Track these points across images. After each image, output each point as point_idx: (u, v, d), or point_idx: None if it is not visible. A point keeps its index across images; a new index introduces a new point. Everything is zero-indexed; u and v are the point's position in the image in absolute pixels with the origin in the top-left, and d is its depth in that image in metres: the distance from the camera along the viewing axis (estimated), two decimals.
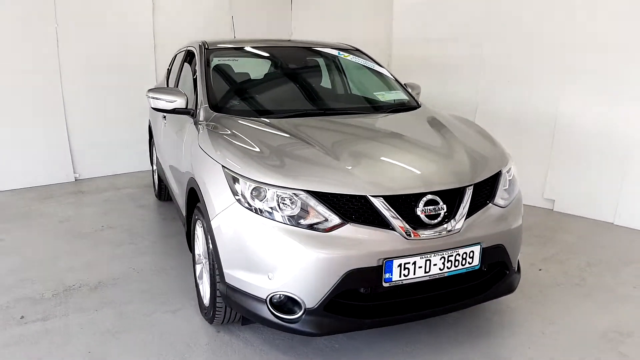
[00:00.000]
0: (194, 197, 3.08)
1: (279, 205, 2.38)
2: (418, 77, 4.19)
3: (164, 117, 4.13)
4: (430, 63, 6.02)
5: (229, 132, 2.87)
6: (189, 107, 3.35)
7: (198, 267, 3.16)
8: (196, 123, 3.23)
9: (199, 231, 3.03)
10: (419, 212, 2.40)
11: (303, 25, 8.03)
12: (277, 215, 2.37)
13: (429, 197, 2.43)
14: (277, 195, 2.38)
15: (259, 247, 2.38)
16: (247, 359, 2.65)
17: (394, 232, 2.36)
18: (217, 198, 2.57)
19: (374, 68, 3.94)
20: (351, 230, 2.33)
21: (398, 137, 3.02)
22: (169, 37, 6.70)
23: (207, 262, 2.82)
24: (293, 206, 2.37)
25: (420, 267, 2.40)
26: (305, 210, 2.35)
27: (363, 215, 2.37)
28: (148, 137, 5.66)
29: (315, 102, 3.61)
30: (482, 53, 5.59)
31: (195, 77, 3.62)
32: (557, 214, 5.00)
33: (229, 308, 2.71)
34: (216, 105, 3.26)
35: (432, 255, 2.41)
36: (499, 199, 2.70)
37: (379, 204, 2.36)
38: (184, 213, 3.41)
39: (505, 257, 2.69)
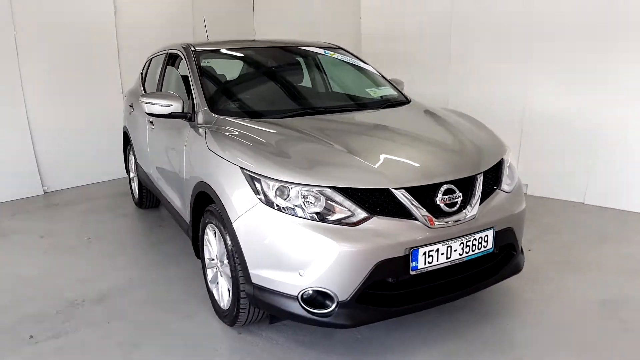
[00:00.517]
0: (202, 201, 3.08)
1: (303, 202, 2.42)
2: (388, 73, 4.31)
3: (150, 121, 4.07)
4: (399, 59, 6.18)
5: (240, 133, 2.88)
6: (185, 111, 3.33)
7: (209, 272, 3.16)
8: (195, 127, 3.22)
9: (210, 235, 3.02)
10: (438, 202, 2.51)
11: (266, 25, 8.03)
12: (303, 212, 2.42)
13: (447, 186, 2.54)
14: (302, 193, 2.43)
15: (288, 245, 2.42)
16: (277, 357, 2.68)
17: (417, 221, 2.45)
18: (238, 200, 2.58)
19: (360, 65, 4.04)
20: (378, 222, 2.41)
21: (405, 131, 3.12)
22: (133, 41, 6.56)
23: (225, 265, 2.84)
24: (318, 203, 2.42)
25: (442, 253, 2.51)
26: (330, 206, 2.41)
27: (387, 207, 2.45)
28: (123, 144, 5.53)
29: (314, 101, 3.67)
30: (450, 47, 5.79)
31: (188, 80, 3.58)
32: (531, 197, 5.26)
33: (253, 308, 2.73)
34: (217, 108, 3.26)
35: (453, 241, 2.52)
36: (504, 185, 2.85)
37: (401, 195, 2.45)
38: (187, 218, 3.38)
39: (513, 239, 2.85)
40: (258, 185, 2.51)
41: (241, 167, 2.60)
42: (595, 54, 4.80)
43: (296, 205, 2.43)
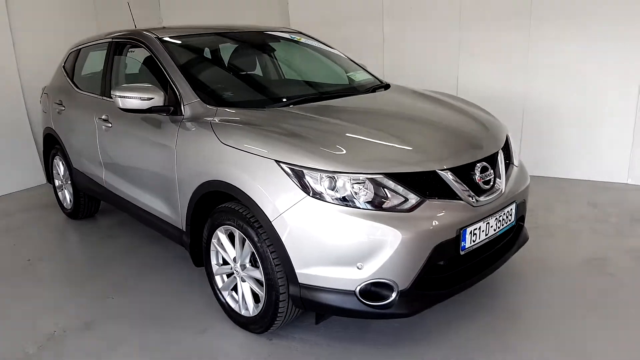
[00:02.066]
0: (208, 203, 2.80)
1: (354, 192, 2.31)
2: None
3: (105, 119, 3.58)
4: (334, 45, 6.13)
5: (259, 125, 2.65)
6: (166, 104, 2.99)
7: (219, 279, 2.90)
8: (184, 122, 2.91)
9: (222, 238, 2.77)
10: (477, 180, 2.54)
11: (174, 11, 7.50)
12: (357, 202, 2.30)
13: (482, 164, 2.58)
14: (352, 182, 2.31)
15: (344, 238, 2.28)
16: (324, 358, 2.54)
17: (462, 201, 2.46)
18: (277, 196, 2.38)
19: (330, 50, 3.95)
20: (430, 206, 2.37)
21: (418, 113, 3.10)
22: (27, 32, 5.73)
23: (249, 269, 2.65)
24: (369, 191, 2.32)
25: (483, 230, 2.55)
26: (383, 193, 2.32)
27: (435, 190, 2.42)
28: (43, 149, 4.84)
29: (305, 87, 3.49)
30: (383, 30, 5.88)
31: (156, 71, 3.21)
32: None
33: (291, 310, 2.56)
34: (212, 99, 2.96)
35: (490, 218, 2.57)
36: (514, 160, 2.97)
37: (447, 177, 2.44)
38: (181, 224, 3.05)
39: (524, 211, 2.99)
40: (302, 178, 2.34)
41: (277, 160, 2.39)
42: (518, 33, 5.17)
43: (346, 196, 2.30)
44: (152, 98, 2.92)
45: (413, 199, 2.35)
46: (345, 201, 2.30)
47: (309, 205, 2.32)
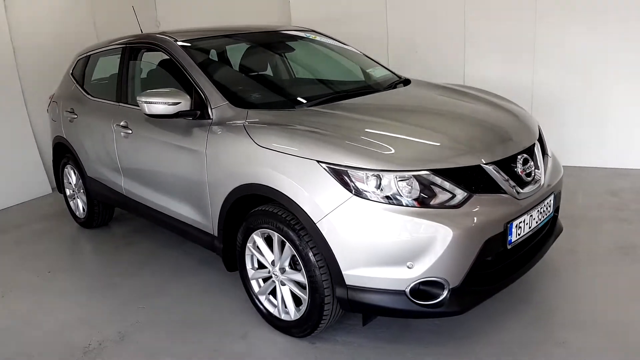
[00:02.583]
0: (242, 206, 2.75)
1: (400, 190, 2.26)
2: None
3: (124, 126, 3.50)
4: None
5: (295, 125, 2.60)
6: (192, 108, 2.92)
7: (255, 283, 2.84)
8: (212, 125, 2.85)
9: (259, 241, 2.71)
10: (519, 172, 2.51)
11: (170, 15, 7.38)
12: (402, 200, 2.26)
13: (523, 156, 2.55)
14: (397, 180, 2.26)
15: (394, 238, 2.24)
16: None
17: (506, 195, 2.43)
18: (321, 197, 2.33)
19: (346, 48, 3.91)
20: (477, 201, 2.33)
21: (452, 108, 3.06)
22: (28, 39, 5.61)
23: (289, 272, 2.61)
24: (415, 188, 2.27)
25: (527, 223, 2.52)
26: (430, 190, 2.28)
27: (480, 184, 2.38)
28: (53, 158, 4.73)
29: (328, 86, 3.44)
30: (387, 26, 5.84)
31: (178, 75, 3.14)
32: None
33: (336, 313, 2.51)
34: (241, 101, 2.90)
35: (532, 210, 2.54)
36: (548, 150, 2.95)
37: (492, 170, 2.40)
38: (212, 229, 2.98)
39: (559, 202, 2.97)
40: (346, 178, 2.29)
41: (319, 161, 2.34)
42: (523, 29, 5.16)
43: (392, 194, 2.26)
44: (179, 102, 2.86)
45: (460, 194, 2.31)
46: (391, 199, 2.26)
47: (355, 205, 2.27)
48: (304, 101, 3.02)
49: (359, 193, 2.27)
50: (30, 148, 5.60)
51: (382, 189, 2.27)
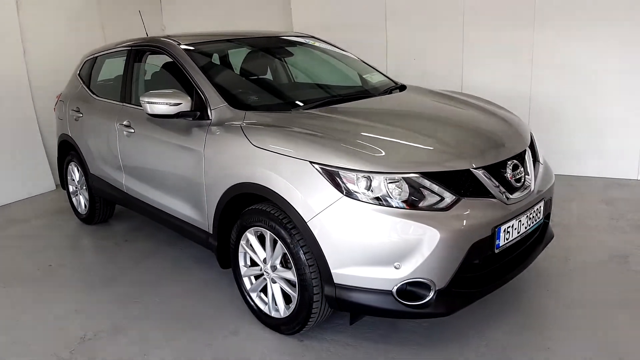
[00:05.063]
0: (237, 205, 2.81)
1: (389, 192, 2.32)
2: None
3: (127, 125, 3.58)
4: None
5: (290, 127, 2.66)
6: (192, 109, 3.00)
7: (247, 280, 2.90)
8: (211, 126, 2.92)
9: (252, 239, 2.77)
10: (509, 177, 2.56)
11: (175, 20, 7.50)
12: (392, 202, 2.31)
13: (513, 161, 2.60)
14: (387, 182, 2.32)
15: (382, 238, 2.29)
16: (356, 359, 2.55)
17: (495, 200, 2.48)
18: (312, 197, 2.39)
19: (344, 53, 3.98)
20: (466, 204, 2.38)
21: (446, 114, 3.12)
22: (38, 40, 5.73)
23: (280, 270, 2.67)
24: (404, 190, 2.33)
25: (515, 228, 2.56)
26: (419, 193, 2.34)
27: (469, 188, 2.43)
28: (58, 156, 4.82)
29: (325, 90, 3.50)
30: (386, 32, 5.91)
31: (180, 76, 3.22)
32: None
33: (324, 311, 2.57)
34: (239, 103, 2.98)
35: (521, 215, 2.59)
36: (540, 157, 3.00)
37: (481, 175, 2.45)
38: (207, 226, 3.05)
39: (550, 209, 3.01)
40: (337, 179, 2.35)
41: (312, 162, 2.40)
42: (519, 34, 5.22)
43: (382, 195, 2.31)
44: (180, 103, 2.94)
45: (449, 197, 2.36)
46: (380, 201, 2.31)
47: (345, 206, 2.33)
48: (301, 104, 3.09)
49: (349, 194, 2.33)
50: (37, 145, 5.71)
51: (372, 190, 2.32)
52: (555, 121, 5.31)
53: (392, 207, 2.30)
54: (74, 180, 4.67)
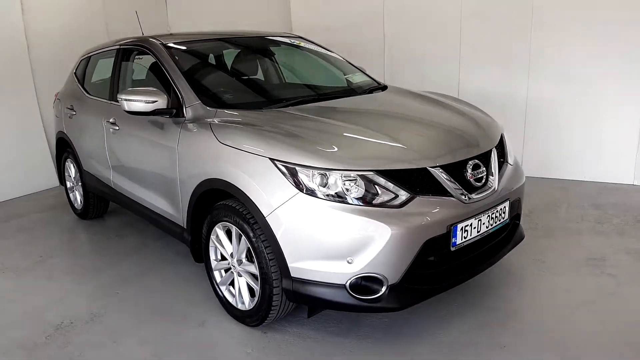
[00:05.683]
0: (207, 200, 2.90)
1: (345, 188, 2.37)
2: None
3: (112, 122, 3.71)
4: (335, 49, 6.21)
5: (256, 125, 2.74)
6: (169, 107, 3.10)
7: (217, 274, 2.99)
8: (185, 123, 3.01)
9: (220, 234, 2.85)
10: (468, 177, 2.59)
11: (181, 19, 7.65)
12: (348, 198, 2.37)
13: (474, 161, 2.63)
14: (343, 179, 2.38)
15: (335, 233, 2.35)
16: (314, 351, 2.61)
17: (453, 198, 2.51)
18: (271, 192, 2.46)
19: (328, 54, 4.04)
20: (420, 202, 2.43)
21: (415, 113, 3.17)
22: (41, 39, 5.92)
23: (245, 264, 2.73)
24: (360, 187, 2.38)
25: (474, 227, 2.59)
26: (374, 190, 2.39)
27: (426, 187, 2.48)
28: (56, 152, 4.99)
29: (303, 89, 3.59)
30: (384, 33, 5.95)
31: (160, 75, 3.33)
32: None
33: (285, 304, 2.63)
34: (212, 101, 3.07)
35: (482, 215, 2.62)
36: (509, 158, 3.01)
37: (438, 174, 2.49)
38: (182, 221, 3.15)
39: (519, 209, 3.03)
40: (295, 176, 2.41)
41: (271, 158, 2.47)
42: (519, 35, 5.22)
43: (337, 192, 2.37)
44: (156, 101, 3.03)
45: (403, 195, 2.41)
46: (336, 197, 2.37)
47: (301, 201, 2.39)
48: (273, 103, 3.17)
49: (305, 190, 2.39)
50: (40, 142, 5.90)
51: (328, 187, 2.39)
52: (551, 126, 5.29)
53: (346, 203, 2.36)
54: (70, 176, 4.83)
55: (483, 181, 2.66)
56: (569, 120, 5.20)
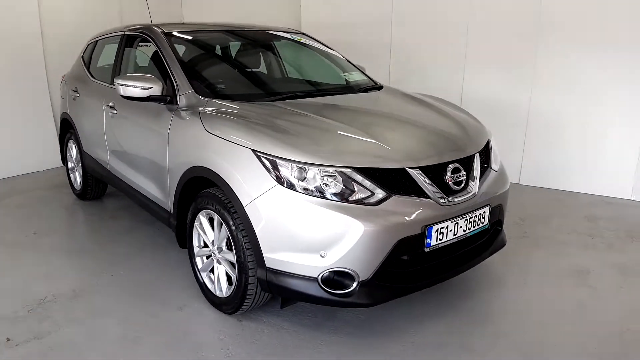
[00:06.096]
0: (193, 187, 2.95)
1: (323, 183, 2.41)
2: None
3: (111, 106, 3.79)
4: (342, 48, 6.25)
5: (243, 116, 2.79)
6: (164, 94, 3.16)
7: (199, 260, 3.04)
8: (178, 111, 3.07)
9: (203, 221, 2.91)
10: (447, 180, 2.62)
11: (195, 10, 7.73)
12: (324, 193, 2.40)
13: (454, 165, 2.66)
14: (322, 174, 2.41)
15: (309, 227, 2.39)
16: (286, 342, 2.65)
17: (430, 200, 2.54)
18: (251, 183, 2.51)
19: (328, 51, 4.07)
20: (396, 202, 2.46)
21: (402, 114, 3.19)
22: (55, 24, 6.03)
23: (224, 252, 2.78)
24: (337, 183, 2.42)
25: (451, 230, 2.62)
26: (351, 187, 2.42)
27: (403, 187, 2.50)
28: (59, 133, 5.09)
29: (298, 85, 3.62)
30: (391, 35, 5.97)
31: (159, 62, 3.39)
32: None
33: (260, 294, 2.68)
34: (204, 91, 3.12)
35: (459, 218, 2.64)
36: (493, 164, 3.03)
37: (416, 175, 2.52)
38: (169, 206, 3.21)
39: (501, 216, 3.04)
40: (275, 168, 2.46)
41: (253, 150, 2.52)
42: (524, 43, 5.21)
43: (315, 187, 2.41)
44: (151, 87, 3.09)
45: (380, 193, 2.44)
46: (314, 192, 2.41)
47: (279, 194, 2.44)
48: (266, 96, 3.21)
49: (284, 182, 2.44)
50: (48, 123, 6.02)
51: (306, 181, 2.42)
52: (552, 135, 5.27)
53: (322, 198, 2.40)
54: (72, 157, 4.93)
55: (462, 185, 2.68)
56: (570, 131, 5.17)
